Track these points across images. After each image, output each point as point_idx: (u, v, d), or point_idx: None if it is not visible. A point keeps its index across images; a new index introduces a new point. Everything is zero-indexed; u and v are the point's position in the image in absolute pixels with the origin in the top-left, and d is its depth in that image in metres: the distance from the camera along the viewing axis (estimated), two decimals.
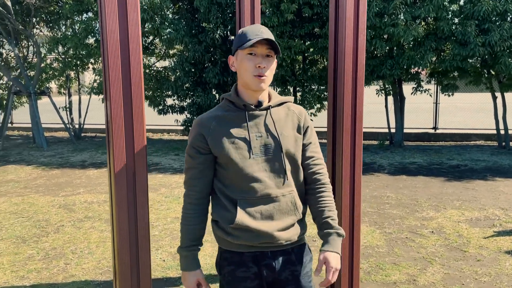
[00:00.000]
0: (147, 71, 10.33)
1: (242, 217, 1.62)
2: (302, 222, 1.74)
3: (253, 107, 1.66)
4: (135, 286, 1.99)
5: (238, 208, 1.63)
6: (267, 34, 1.62)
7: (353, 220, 2.50)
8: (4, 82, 12.54)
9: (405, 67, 8.68)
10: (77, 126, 11.93)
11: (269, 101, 1.71)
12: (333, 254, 1.64)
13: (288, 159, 1.69)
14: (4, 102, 12.14)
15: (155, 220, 4.96)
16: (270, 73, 1.63)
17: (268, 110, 1.68)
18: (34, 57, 11.31)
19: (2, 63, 11.84)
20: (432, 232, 4.47)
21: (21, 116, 15.03)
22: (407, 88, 10.02)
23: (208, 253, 4.01)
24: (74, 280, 3.51)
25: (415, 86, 9.63)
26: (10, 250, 4.12)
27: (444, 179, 6.73)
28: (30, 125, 11.32)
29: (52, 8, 10.14)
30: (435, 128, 11.70)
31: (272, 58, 1.64)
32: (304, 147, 1.75)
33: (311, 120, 10.44)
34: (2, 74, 11.65)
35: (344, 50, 2.28)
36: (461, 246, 4.09)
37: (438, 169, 7.51)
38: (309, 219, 1.81)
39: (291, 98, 1.78)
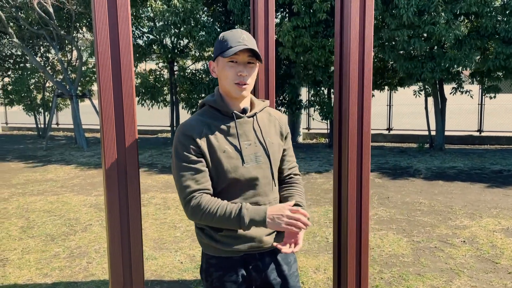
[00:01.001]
0: (182, 73, 10.48)
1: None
2: None
3: (241, 114, 1.65)
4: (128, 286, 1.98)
5: None
6: (249, 41, 1.59)
7: (361, 226, 2.38)
8: (50, 85, 13.15)
9: (446, 66, 8.29)
10: None
11: (251, 108, 1.71)
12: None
13: (275, 166, 1.71)
14: (50, 104, 12.72)
15: (179, 221, 4.99)
16: (251, 80, 1.62)
17: (254, 117, 1.68)
18: (77, 61, 11.77)
19: (48, 67, 12.41)
20: (464, 241, 4.22)
21: (66, 117, 15.72)
22: (448, 88, 9.58)
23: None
24: (93, 279, 3.58)
25: (456, 86, 9.18)
26: (38, 247, 4.27)
27: (484, 185, 6.37)
28: (73, 126, 11.78)
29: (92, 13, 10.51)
30: (479, 130, 11.14)
31: (254, 65, 1.62)
32: (284, 152, 1.77)
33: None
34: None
35: (349, 52, 2.18)
36: (493, 257, 3.83)
37: (478, 174, 7.12)
38: None
39: (268, 102, 1.78)
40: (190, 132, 1.60)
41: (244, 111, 1.66)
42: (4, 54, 13.06)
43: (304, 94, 11.32)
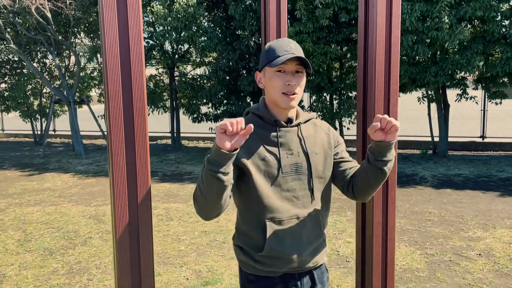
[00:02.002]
0: (183, 79, 10.32)
1: (272, 243, 1.55)
2: (325, 242, 1.71)
3: (284, 123, 1.60)
4: None
5: (268, 231, 1.55)
6: (297, 50, 1.55)
7: (387, 239, 2.22)
8: (47, 91, 12.96)
9: (449, 72, 8.18)
10: None
11: (296, 118, 1.65)
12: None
13: (317, 178, 1.63)
14: (47, 110, 12.52)
15: (183, 233, 4.81)
16: (300, 90, 1.57)
17: (298, 127, 1.63)
18: (75, 66, 11.60)
19: (45, 73, 12.24)
20: (480, 254, 4.07)
21: (64, 124, 15.51)
22: (451, 94, 9.46)
23: (234, 272, 3.81)
24: None
25: (460, 93, 9.06)
26: (36, 263, 4.08)
27: (493, 194, 6.22)
28: (70, 133, 11.59)
29: (91, 18, 10.36)
30: (483, 136, 11.02)
31: (302, 74, 1.57)
32: (342, 160, 1.69)
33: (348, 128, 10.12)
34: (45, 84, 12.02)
35: (375, 58, 2.03)
36: None
37: (486, 182, 6.98)
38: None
39: (315, 114, 1.73)
40: None
41: (289, 120, 1.61)
42: (1, 60, 12.87)
43: (306, 99, 11.19)
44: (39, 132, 13.16)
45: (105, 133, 11.53)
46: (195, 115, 10.44)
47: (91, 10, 9.98)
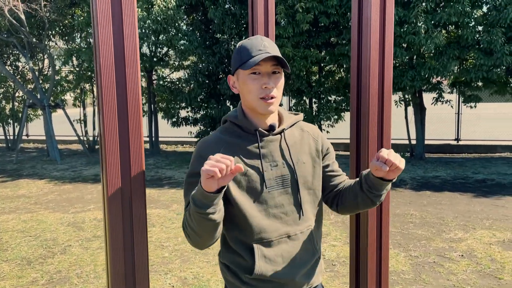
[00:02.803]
0: (161, 82, 10.19)
1: (261, 266, 1.40)
2: (320, 259, 1.56)
3: (266, 132, 1.44)
4: None
5: (256, 255, 1.40)
6: (272, 48, 1.39)
7: (381, 240, 2.22)
8: (20, 95, 12.59)
9: (426, 76, 8.35)
10: (91, 138, 11.86)
11: (280, 123, 1.49)
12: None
13: (306, 190, 1.48)
14: (20, 115, 12.16)
15: (165, 240, 4.73)
16: (278, 92, 1.40)
17: (282, 134, 1.46)
18: (49, 70, 11.31)
19: (18, 77, 11.88)
20: (462, 255, 4.14)
21: (38, 128, 15.09)
22: (427, 97, 9.66)
23: (220, 278, 3.75)
24: None
25: (436, 96, 9.27)
26: (14, 273, 3.93)
27: (471, 195, 6.36)
28: (45, 138, 11.28)
29: (66, 21, 10.13)
30: (457, 139, 11.28)
31: (280, 75, 1.41)
32: (329, 168, 1.56)
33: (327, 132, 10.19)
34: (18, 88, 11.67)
35: (369, 55, 2.03)
36: (495, 272, 3.75)
37: (463, 183, 7.13)
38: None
39: (301, 116, 1.56)
40: (205, 152, 1.39)
41: (271, 127, 1.44)
42: None
43: (286, 103, 11.22)
44: (11, 137, 12.76)
45: (82, 138, 11.29)
46: (174, 119, 10.32)
47: (66, 12, 9.76)
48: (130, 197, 1.71)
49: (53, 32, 10.65)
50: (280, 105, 1.57)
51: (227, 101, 9.74)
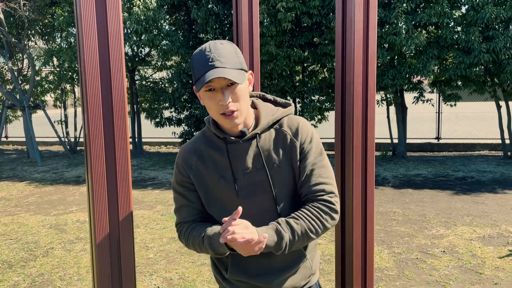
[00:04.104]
0: (144, 82, 10.12)
1: (233, 268, 1.45)
2: (307, 262, 1.48)
3: (234, 138, 1.38)
4: None
5: (230, 260, 1.44)
6: (224, 58, 1.28)
7: (366, 238, 2.25)
8: None
9: (407, 76, 8.49)
10: (72, 139, 11.69)
11: (256, 126, 1.42)
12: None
13: (284, 193, 1.40)
14: None
15: (150, 241, 4.70)
16: (240, 103, 1.32)
17: (256, 138, 1.39)
18: (29, 70, 11.11)
19: None
20: (444, 251, 4.22)
21: (17, 130, 14.80)
22: (409, 97, 9.81)
23: (206, 278, 3.75)
24: None
25: (417, 95, 9.42)
26: None
27: (452, 193, 6.48)
28: (25, 140, 11.08)
29: (46, 20, 9.96)
30: (438, 138, 11.48)
31: (236, 85, 1.31)
32: (304, 169, 1.39)
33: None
34: None
35: (353, 55, 2.06)
36: (476, 267, 3.83)
37: (444, 181, 7.26)
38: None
39: (283, 111, 1.44)
40: (183, 161, 1.46)
41: (243, 133, 1.39)
42: None
43: None
44: None
45: (63, 139, 11.11)
46: (157, 120, 10.25)
47: (46, 11, 9.61)
48: (116, 198, 1.70)
49: (33, 31, 10.47)
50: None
51: None
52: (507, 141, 9.27)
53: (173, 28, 9.81)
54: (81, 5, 1.55)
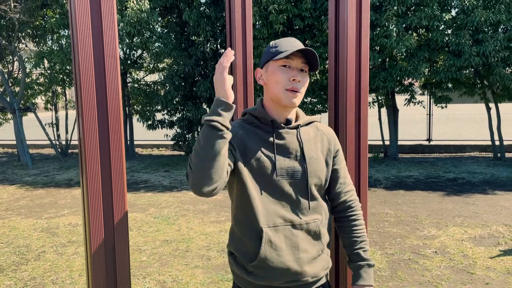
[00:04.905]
0: (136, 85, 10.08)
1: (266, 250, 1.44)
2: (327, 256, 1.57)
3: (282, 124, 1.51)
4: None
5: (263, 239, 1.43)
6: (303, 46, 1.46)
7: None
8: None
9: (398, 78, 8.56)
10: (64, 142, 11.61)
11: (296, 120, 1.56)
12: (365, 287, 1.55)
13: (315, 185, 1.52)
14: None
15: (143, 243, 4.68)
16: (303, 89, 1.49)
17: (297, 130, 1.52)
18: (19, 72, 11.03)
19: None
20: (436, 252, 4.25)
21: (6, 133, 14.67)
22: (400, 99, 9.89)
23: (199, 281, 3.74)
24: None
25: (409, 97, 9.51)
26: None
27: (443, 194, 6.54)
28: (15, 142, 10.98)
29: (37, 22, 9.90)
30: (429, 139, 11.57)
31: (306, 74, 1.50)
32: (335, 172, 1.59)
33: None
34: None
35: (346, 57, 2.08)
36: (467, 267, 3.87)
37: (435, 182, 7.32)
38: None
39: (318, 117, 1.66)
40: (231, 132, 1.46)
41: (288, 121, 1.52)
42: None
43: None
44: None
45: (54, 142, 11.03)
46: (149, 122, 10.22)
47: (37, 13, 9.54)
48: (112, 200, 1.69)
49: (24, 34, 10.39)
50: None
51: (204, 103, 9.71)
52: (497, 143, 9.38)
53: (165, 31, 9.79)
54: (76, 9, 1.56)
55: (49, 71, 10.54)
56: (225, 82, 1.31)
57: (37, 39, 10.57)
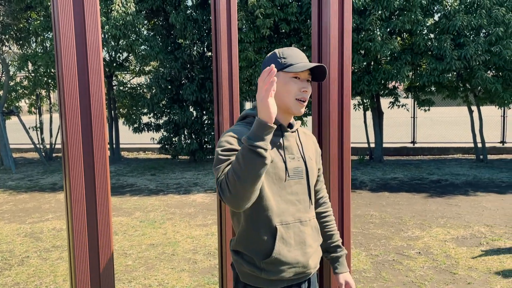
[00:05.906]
0: (122, 88, 10.03)
1: (279, 247, 1.53)
2: (319, 247, 1.73)
3: (287, 128, 1.64)
4: None
5: (278, 236, 1.53)
6: (308, 61, 1.63)
7: (343, 241, 2.31)
8: None
9: (382, 81, 8.67)
10: (48, 146, 11.48)
11: (292, 124, 1.72)
12: (348, 273, 1.77)
13: (311, 183, 1.68)
14: None
15: (129, 247, 4.66)
16: (307, 98, 1.64)
17: (297, 133, 1.68)
18: (2, 75, 10.88)
19: None
20: (419, 253, 4.32)
21: None
22: (385, 102, 10.01)
23: (186, 284, 3.74)
24: None
25: (393, 101, 9.63)
26: None
27: (427, 195, 6.64)
28: None
29: (21, 25, 9.79)
30: (413, 142, 11.73)
31: (311, 84, 1.65)
32: (318, 171, 1.78)
33: None
34: None
35: (329, 60, 2.12)
36: (450, 267, 3.94)
37: (419, 184, 7.43)
38: None
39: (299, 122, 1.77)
40: (238, 133, 1.53)
41: (289, 126, 1.67)
42: None
43: (249, 107, 11.29)
44: None
45: (38, 145, 10.90)
46: (135, 125, 10.17)
47: (21, 16, 9.44)
48: (95, 204, 1.70)
49: (7, 36, 10.26)
50: (244, 109, 1.67)
51: (190, 106, 9.70)
52: (479, 145, 9.55)
53: (152, 33, 9.77)
54: (59, 11, 1.56)
55: (33, 74, 10.42)
56: (270, 105, 1.31)
57: (21, 42, 10.45)
